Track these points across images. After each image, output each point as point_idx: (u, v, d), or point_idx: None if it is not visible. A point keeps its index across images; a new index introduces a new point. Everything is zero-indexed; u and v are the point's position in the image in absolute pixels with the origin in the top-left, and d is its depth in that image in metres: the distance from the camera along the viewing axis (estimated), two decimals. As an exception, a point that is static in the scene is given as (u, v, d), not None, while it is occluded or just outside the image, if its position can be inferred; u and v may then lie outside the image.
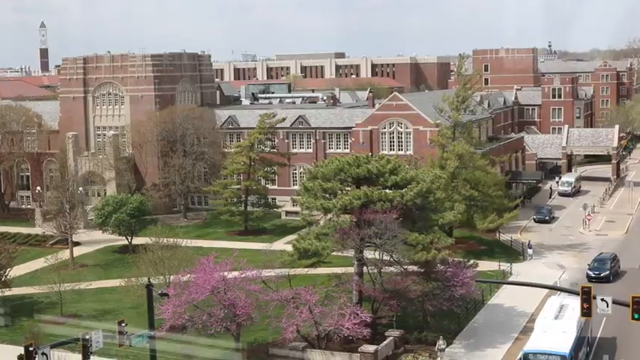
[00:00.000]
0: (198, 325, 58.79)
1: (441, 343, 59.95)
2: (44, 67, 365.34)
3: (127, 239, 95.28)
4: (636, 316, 49.33)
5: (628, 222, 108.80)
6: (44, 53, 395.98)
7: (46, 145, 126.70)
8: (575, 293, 54.56)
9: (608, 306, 50.20)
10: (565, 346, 53.75)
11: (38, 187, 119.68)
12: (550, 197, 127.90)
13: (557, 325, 56.95)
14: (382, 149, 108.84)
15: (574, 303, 57.22)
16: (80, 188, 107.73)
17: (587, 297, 50.69)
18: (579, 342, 56.33)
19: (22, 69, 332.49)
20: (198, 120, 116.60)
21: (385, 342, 61.19)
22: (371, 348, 58.77)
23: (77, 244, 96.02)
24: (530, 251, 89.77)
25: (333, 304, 61.64)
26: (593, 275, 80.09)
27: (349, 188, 66.18)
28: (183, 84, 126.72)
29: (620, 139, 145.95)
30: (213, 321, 59.10)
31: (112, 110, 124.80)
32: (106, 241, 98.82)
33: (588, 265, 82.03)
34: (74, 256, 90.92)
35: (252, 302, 60.84)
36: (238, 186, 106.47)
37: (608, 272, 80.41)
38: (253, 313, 60.82)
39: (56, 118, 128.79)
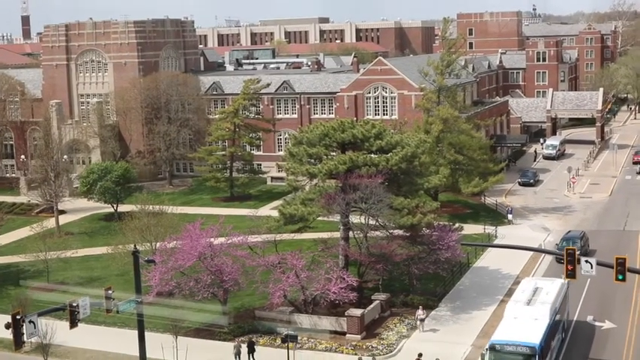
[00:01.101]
0: (185, 291, 58.95)
1: (420, 313, 59.63)
2: (26, 34, 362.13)
3: (113, 207, 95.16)
4: (620, 277, 49.79)
5: (612, 184, 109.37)
6: (26, 20, 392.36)
7: (30, 114, 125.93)
8: (560, 255, 55.00)
9: (592, 267, 50.61)
10: (535, 335, 49.64)
11: (22, 156, 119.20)
12: (535, 160, 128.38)
13: (529, 312, 52.78)
14: (367, 114, 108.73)
15: (549, 286, 56.64)
16: (65, 156, 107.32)
17: (571, 259, 51.07)
18: (553, 329, 52.45)
19: (3, 37, 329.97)
20: (182, 86, 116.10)
21: (371, 306, 61.54)
22: (357, 312, 59.08)
23: (62, 212, 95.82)
24: (510, 216, 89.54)
25: (320, 268, 61.86)
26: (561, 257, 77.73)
27: (334, 153, 66.18)
28: (166, 50, 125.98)
29: (604, 102, 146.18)
30: (200, 287, 59.31)
31: (96, 78, 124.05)
32: (91, 208, 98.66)
33: (556, 245, 76.35)
34: (60, 224, 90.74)
35: (239, 268, 61.03)
36: (223, 152, 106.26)
37: (578, 252, 76.91)
38: (240, 279, 61.04)
39: (39, 86, 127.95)
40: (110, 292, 46.25)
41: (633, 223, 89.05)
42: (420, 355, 51.46)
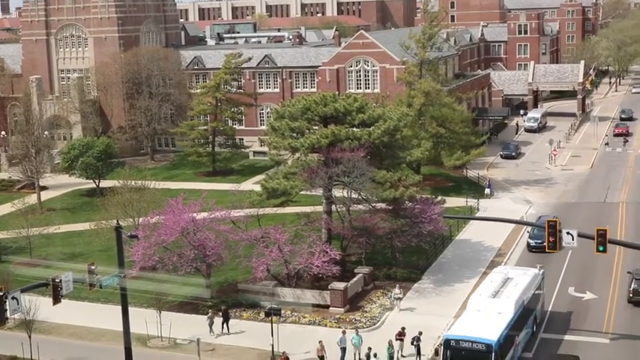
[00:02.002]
0: (168, 266, 58.96)
1: (397, 292, 59.37)
2: (4, 9, 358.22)
3: (95, 182, 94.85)
4: (601, 248, 50.22)
5: (593, 157, 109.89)
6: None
7: (9, 89, 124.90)
8: (542, 227, 55.33)
9: (573, 239, 50.98)
10: (494, 331, 46.27)
11: (3, 132, 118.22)
12: (516, 133, 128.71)
13: (493, 305, 49.58)
14: (349, 88, 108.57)
15: (520, 277, 53.80)
16: (45, 132, 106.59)
17: (552, 231, 51.41)
18: (518, 323, 49.53)
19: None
20: (163, 61, 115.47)
21: (355, 279, 61.76)
22: (341, 285, 59.28)
23: (44, 188, 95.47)
24: (487, 190, 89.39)
25: (303, 242, 62.01)
26: (534, 244, 70.13)
27: (316, 127, 66.10)
28: (147, 25, 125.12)
29: (585, 74, 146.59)
30: (184, 262, 59.36)
31: (76, 53, 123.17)
32: (73, 184, 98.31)
33: (528, 232, 72.61)
34: (41, 200, 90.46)
35: (222, 242, 61.09)
36: (205, 127, 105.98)
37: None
38: (223, 253, 61.12)
39: (19, 61, 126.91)
40: (93, 267, 46.22)
41: (614, 195, 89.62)
42: (403, 328, 51.69)
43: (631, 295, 58.83)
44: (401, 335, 51.22)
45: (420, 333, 50.93)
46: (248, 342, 53.77)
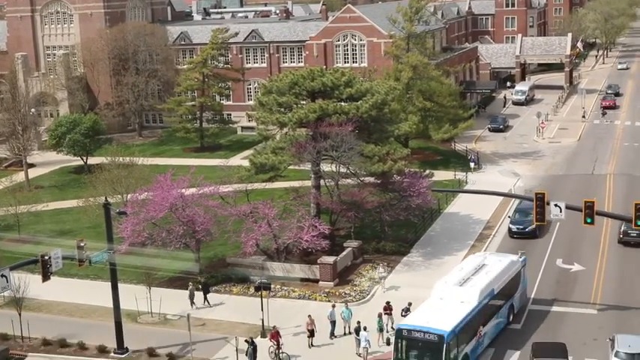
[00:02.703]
0: (157, 242, 58.98)
1: (381, 270, 59.13)
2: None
3: (82, 159, 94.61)
4: (588, 220, 50.51)
5: (580, 129, 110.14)
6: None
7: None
8: (530, 200, 55.54)
9: (561, 211, 51.23)
10: (449, 322, 44.27)
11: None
12: (504, 106, 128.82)
13: (457, 293, 47.57)
14: (336, 62, 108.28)
15: (495, 264, 51.74)
16: (32, 109, 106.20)
17: (540, 203, 51.67)
18: (484, 313, 47.40)
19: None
20: (149, 37, 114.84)
21: (344, 253, 61.93)
22: (330, 259, 59.44)
23: (32, 165, 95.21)
24: (472, 164, 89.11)
25: (292, 217, 62.08)
26: (515, 230, 67.65)
27: (304, 102, 66.03)
28: (133, 0, 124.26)
29: (572, 47, 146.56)
30: (173, 238, 59.41)
31: (61, 29, 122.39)
32: (60, 162, 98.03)
33: (509, 217, 70.48)
34: (29, 177, 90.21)
35: (211, 218, 61.13)
36: (193, 103, 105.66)
37: (534, 226, 64.95)
38: (212, 229, 61.19)
39: (4, 38, 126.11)
40: (82, 244, 46.31)
41: (601, 167, 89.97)
42: (388, 303, 51.87)
43: (621, 236, 64.88)
44: (387, 310, 51.45)
45: (410, 304, 51.18)
46: (238, 316, 53.94)
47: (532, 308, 54.20)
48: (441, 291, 48.44)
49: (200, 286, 56.77)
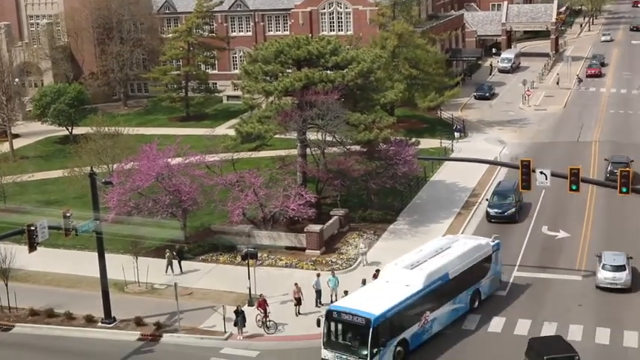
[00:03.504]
0: (144, 212, 58.94)
1: (362, 246, 58.62)
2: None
3: (67, 129, 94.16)
4: (574, 187, 50.77)
5: (566, 96, 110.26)
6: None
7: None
8: (515, 167, 55.69)
9: (546, 178, 51.44)
10: (381, 306, 42.78)
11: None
12: (490, 74, 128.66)
13: (403, 276, 45.99)
14: (322, 30, 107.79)
15: (458, 247, 49.96)
16: (16, 79, 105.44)
17: (526, 170, 51.84)
18: (432, 298, 45.64)
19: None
20: (134, 5, 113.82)
21: (330, 221, 62.05)
22: (316, 227, 59.57)
23: (16, 136, 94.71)
24: (457, 134, 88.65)
25: (278, 186, 62.12)
26: (494, 214, 64.50)
27: (290, 70, 65.85)
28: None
29: (558, 14, 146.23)
30: (159, 207, 59.39)
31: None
32: (45, 132, 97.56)
33: (487, 200, 66.78)
34: (14, 148, 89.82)
35: (197, 187, 61.12)
36: (178, 72, 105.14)
37: (513, 210, 64.15)
38: (198, 198, 61.20)
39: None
40: (68, 214, 46.25)
41: (587, 134, 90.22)
42: (378, 271, 51.99)
43: (608, 175, 69.89)
44: (375, 278, 51.56)
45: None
46: (225, 285, 54.09)
47: (517, 275, 54.55)
48: (389, 273, 47.26)
49: (175, 254, 57.01)
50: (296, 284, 50.34)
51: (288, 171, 66.30)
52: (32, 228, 44.41)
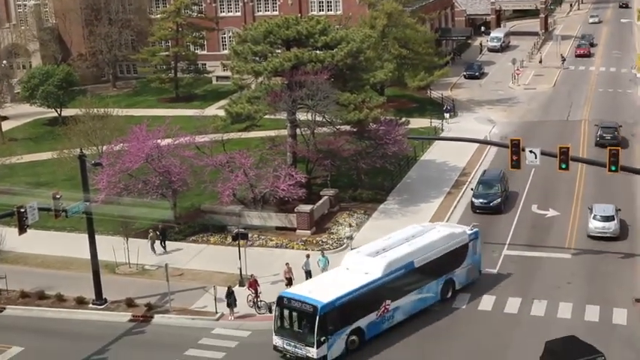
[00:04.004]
0: (133, 193, 58.90)
1: (347, 230, 58.38)
2: None
3: (56, 111, 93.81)
4: (563, 165, 50.91)
5: (555, 75, 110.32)
6: None
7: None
8: (505, 146, 55.78)
9: (536, 157, 51.54)
10: (332, 294, 42.11)
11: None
12: (480, 53, 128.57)
13: (363, 264, 45.09)
14: (311, 10, 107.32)
15: (429, 235, 48.42)
16: (4, 61, 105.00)
17: (516, 149, 51.92)
18: (394, 287, 44.55)
19: None
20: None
21: (320, 201, 62.12)
22: (307, 208, 59.63)
23: (5, 118, 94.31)
24: (447, 115, 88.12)
25: (268, 166, 62.10)
26: (479, 204, 62.19)
27: (279, 51, 65.71)
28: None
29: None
30: (149, 188, 59.34)
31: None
32: (34, 114, 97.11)
33: (472, 189, 64.62)
34: (3, 130, 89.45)
35: (187, 168, 61.05)
36: (167, 53, 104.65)
37: (499, 200, 62.21)
38: (188, 179, 61.12)
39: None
40: (58, 196, 46.15)
41: (576, 113, 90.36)
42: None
43: (598, 139, 75.87)
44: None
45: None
46: (216, 266, 54.14)
47: (507, 253, 54.81)
48: (350, 260, 46.27)
49: (159, 234, 57.08)
50: (287, 264, 50.44)
51: (278, 151, 66.24)
52: (22, 210, 44.28)
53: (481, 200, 62.40)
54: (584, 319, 45.54)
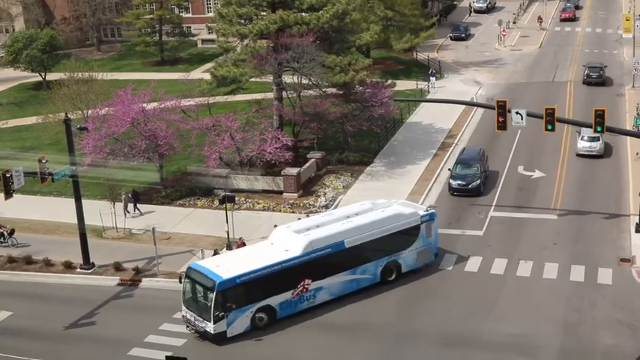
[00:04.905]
0: (120, 157, 58.76)
1: (322, 200, 57.52)
2: None
3: (41, 75, 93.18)
4: (549, 127, 50.94)
5: (541, 37, 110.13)
6: None
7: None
8: (491, 108, 55.78)
9: (522, 119, 51.56)
10: (236, 270, 41.29)
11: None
12: (470, 14, 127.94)
13: (287, 241, 43.93)
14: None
15: (372, 215, 46.43)
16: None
17: (502, 111, 51.92)
18: (315, 266, 43.07)
19: None
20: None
21: (307, 164, 62.14)
22: (294, 170, 59.66)
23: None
24: (432, 79, 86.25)
25: (255, 129, 62.00)
26: (456, 186, 58.37)
27: (264, 13, 65.26)
28: None
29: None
30: (135, 152, 59.21)
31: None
32: (18, 78, 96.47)
33: (449, 169, 60.60)
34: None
35: (173, 132, 60.90)
36: (151, 15, 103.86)
37: (478, 181, 58.38)
38: (175, 143, 60.97)
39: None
40: (44, 161, 45.99)
41: (562, 74, 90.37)
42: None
43: (585, 77, 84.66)
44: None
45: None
46: (203, 229, 54.21)
47: (494, 215, 55.07)
48: (276, 235, 44.95)
49: (130, 196, 57.13)
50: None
51: (265, 114, 66.11)
52: (8, 175, 44.18)
53: (459, 182, 58.37)
54: (569, 279, 45.91)
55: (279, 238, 44.47)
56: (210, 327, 40.53)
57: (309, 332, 41.93)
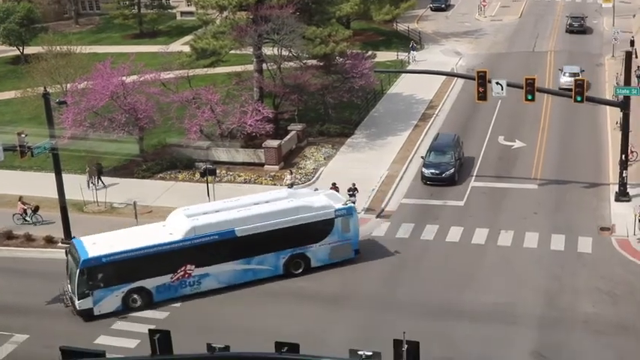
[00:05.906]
0: (100, 131, 58.48)
1: (288, 177, 56.13)
2: None
3: (19, 49, 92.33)
4: (529, 97, 51.10)
5: (522, 7, 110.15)
6: None
7: None
8: (472, 78, 55.82)
9: (502, 89, 51.64)
10: (107, 249, 41.19)
11: None
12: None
13: (175, 224, 43.16)
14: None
15: (275, 205, 44.51)
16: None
17: (482, 81, 51.98)
18: (200, 252, 42.25)
19: None
20: None
21: (288, 136, 62.09)
22: (274, 143, 59.61)
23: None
24: (413, 52, 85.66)
25: (235, 102, 61.80)
26: (429, 175, 55.35)
27: (244, -16, 64.82)
28: None
29: None
30: (115, 126, 58.91)
31: None
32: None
33: (422, 157, 57.63)
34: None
35: (153, 105, 60.62)
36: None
37: (452, 170, 55.48)
38: (155, 116, 60.73)
39: None
40: (23, 135, 45.74)
41: (542, 44, 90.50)
42: (334, 184, 52.03)
43: (568, 27, 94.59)
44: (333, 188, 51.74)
45: (354, 184, 51.68)
46: (185, 202, 53.82)
47: (474, 185, 55.29)
48: (171, 217, 44.23)
49: (94, 168, 56.95)
50: None
51: (245, 87, 65.85)
52: (-13, 150, 43.93)
53: (432, 170, 55.34)
54: (550, 248, 46.25)
55: (172, 221, 43.79)
56: (76, 303, 40.94)
57: (291, 303, 42.06)
